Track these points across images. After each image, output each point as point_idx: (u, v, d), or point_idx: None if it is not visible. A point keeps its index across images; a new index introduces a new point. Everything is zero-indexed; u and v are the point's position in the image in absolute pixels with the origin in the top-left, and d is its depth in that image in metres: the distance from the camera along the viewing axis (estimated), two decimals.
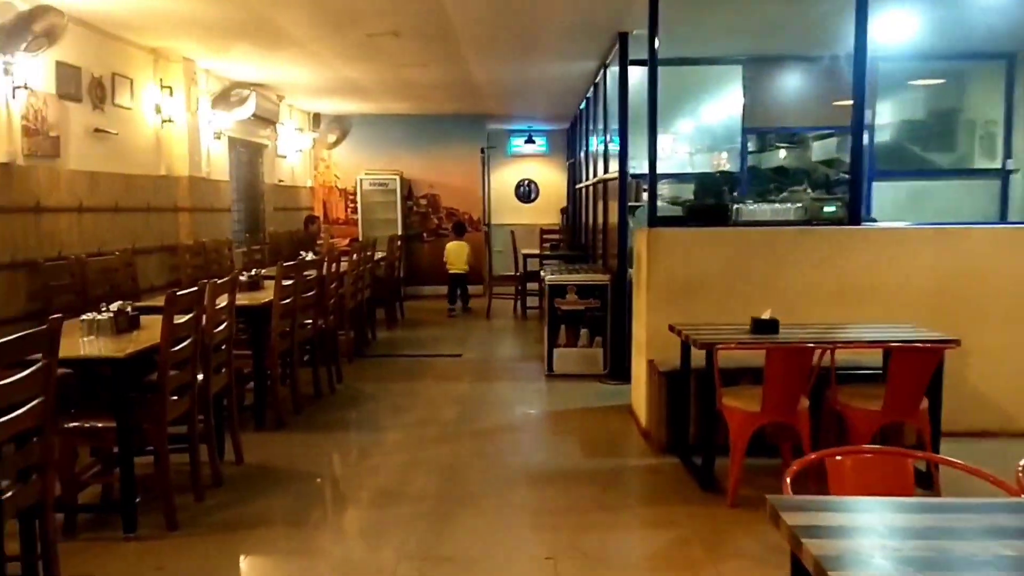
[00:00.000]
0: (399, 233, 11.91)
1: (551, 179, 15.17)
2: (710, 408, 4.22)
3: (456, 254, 10.90)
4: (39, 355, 2.70)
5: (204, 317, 4.10)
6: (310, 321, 6.12)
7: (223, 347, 4.51)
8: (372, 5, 5.95)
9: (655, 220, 5.39)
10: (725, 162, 8.87)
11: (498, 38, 7.23)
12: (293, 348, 5.74)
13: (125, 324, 4.12)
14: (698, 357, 4.29)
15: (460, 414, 5.91)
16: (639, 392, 5.41)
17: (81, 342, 3.90)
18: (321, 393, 6.23)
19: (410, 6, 6.00)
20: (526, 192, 15.30)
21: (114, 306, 4.17)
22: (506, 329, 9.93)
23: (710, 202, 6.32)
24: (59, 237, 5.77)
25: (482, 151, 12.86)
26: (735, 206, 5.82)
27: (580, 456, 4.96)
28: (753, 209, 5.83)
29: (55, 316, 2.78)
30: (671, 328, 4.53)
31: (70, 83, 5.95)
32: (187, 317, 3.89)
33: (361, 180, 12.40)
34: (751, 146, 8.70)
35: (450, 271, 10.87)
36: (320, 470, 4.76)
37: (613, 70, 7.23)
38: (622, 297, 6.65)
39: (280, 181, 11.05)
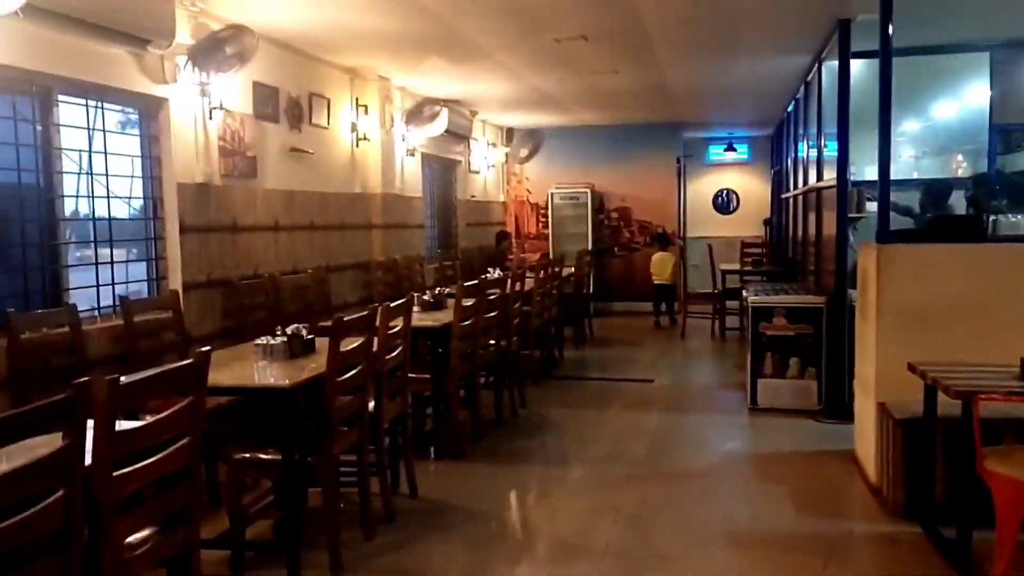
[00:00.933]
0: (589, 247, 11.42)
1: (753, 188, 14.07)
2: (964, 467, 3.31)
3: (661, 265, 10.55)
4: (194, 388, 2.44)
5: (376, 342, 3.81)
6: (493, 342, 5.76)
7: (398, 372, 4.22)
8: (557, 7, 5.50)
9: (887, 235, 4.49)
10: (963, 166, 7.56)
11: (696, 37, 6.54)
12: (475, 371, 5.39)
13: (299, 349, 3.91)
14: (946, 403, 3.42)
15: (650, 451, 5.27)
16: (865, 439, 4.51)
17: (255, 367, 3.72)
18: (503, 419, 5.84)
19: (598, 7, 5.49)
20: (724, 202, 14.29)
21: (289, 329, 3.98)
22: (702, 352, 9.12)
23: (956, 213, 5.25)
24: (255, 256, 5.81)
25: (678, 160, 12.10)
26: (991, 218, 4.75)
27: (793, 513, 4.16)
28: (1017, 221, 4.73)
29: (203, 349, 2.52)
30: (911, 368, 3.66)
31: (267, 103, 6.00)
32: (357, 343, 3.60)
33: (552, 194, 12.05)
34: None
35: (655, 282, 10.55)
36: (497, 510, 4.32)
37: (830, 64, 6.30)
38: (840, 322, 5.72)
39: (472, 196, 10.95)
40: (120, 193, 4.86)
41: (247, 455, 3.46)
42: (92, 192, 4.55)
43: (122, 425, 2.14)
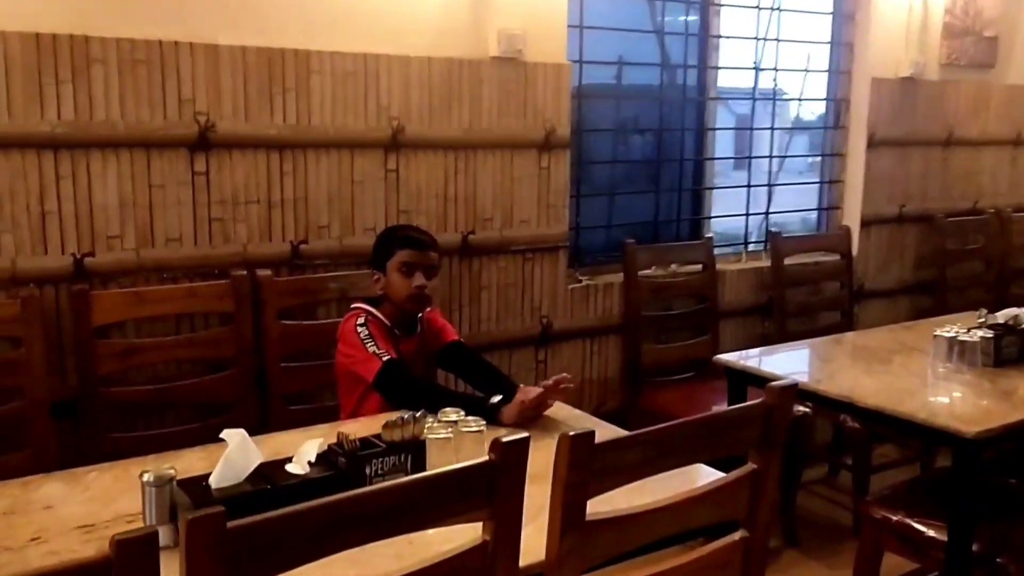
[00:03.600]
0: None
1: None
2: None
3: None
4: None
5: None
6: None
7: None
8: None
9: None
10: None
11: None
12: None
13: (1016, 351, 2.47)
14: None
15: None
16: None
17: (928, 374, 2.45)
18: None
19: None
20: None
21: (1002, 315, 2.54)
22: None
23: None
24: (976, 182, 4.26)
25: None
26: None
27: None
28: None
29: (781, 383, 1.44)
30: None
31: None
32: None
33: None
34: None
35: None
36: None
37: None
38: None
39: None
40: (791, 94, 3.97)
41: (893, 517, 2.29)
42: (754, 94, 3.75)
43: (596, 506, 1.26)
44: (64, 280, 2.23)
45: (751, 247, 3.77)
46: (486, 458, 1.12)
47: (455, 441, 1.62)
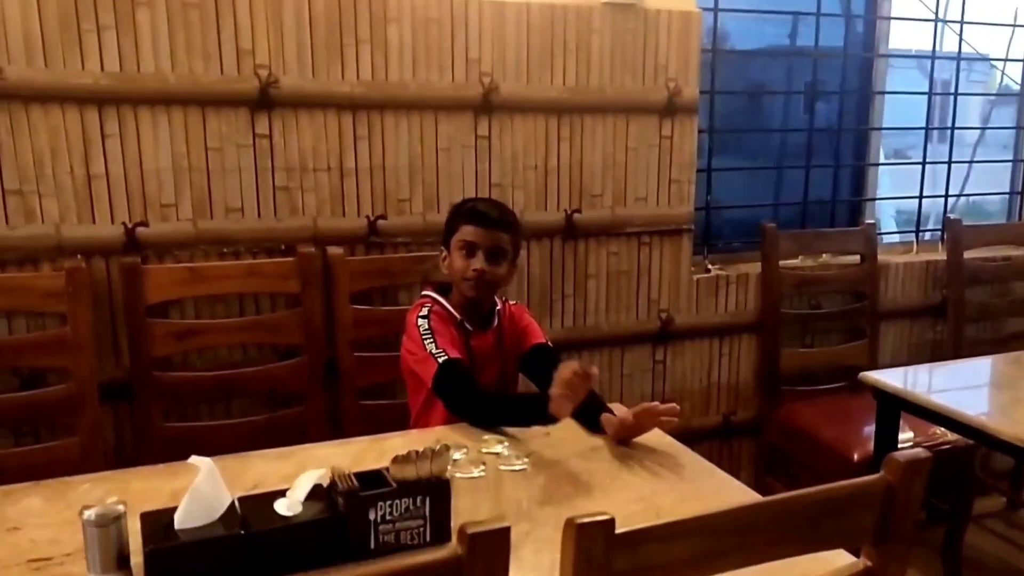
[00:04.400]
0: None
1: None
2: None
3: None
4: None
5: None
6: None
7: None
8: None
9: None
10: None
11: None
12: None
13: None
14: None
15: None
16: None
17: None
18: None
19: None
20: None
21: None
22: None
23: None
24: None
25: None
26: None
27: None
28: None
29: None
30: None
31: None
32: None
33: None
34: None
35: None
36: None
37: None
38: None
39: None
40: (978, 52, 3.29)
41: None
42: (933, 53, 3.10)
43: None
44: (115, 252, 2.01)
45: (926, 236, 3.15)
46: (451, 551, 0.73)
47: (491, 480, 1.23)
